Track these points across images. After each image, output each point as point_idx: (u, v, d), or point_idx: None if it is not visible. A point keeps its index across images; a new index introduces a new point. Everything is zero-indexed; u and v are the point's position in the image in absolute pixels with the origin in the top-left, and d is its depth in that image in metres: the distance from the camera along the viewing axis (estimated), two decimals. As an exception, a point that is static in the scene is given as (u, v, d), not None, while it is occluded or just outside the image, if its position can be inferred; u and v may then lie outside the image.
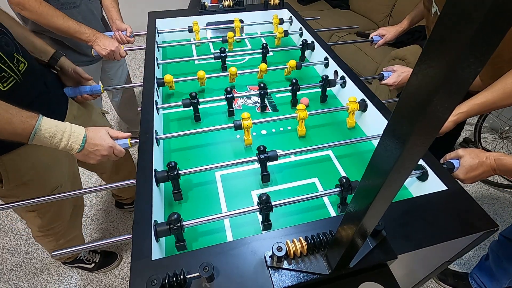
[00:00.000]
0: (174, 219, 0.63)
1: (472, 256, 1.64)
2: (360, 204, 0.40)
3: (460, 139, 2.24)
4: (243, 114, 0.91)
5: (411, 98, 0.27)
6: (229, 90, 1.03)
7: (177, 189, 0.79)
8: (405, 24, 1.35)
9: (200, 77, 1.12)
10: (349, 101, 1.01)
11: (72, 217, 1.21)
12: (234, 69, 1.13)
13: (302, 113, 0.96)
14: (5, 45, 0.79)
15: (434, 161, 0.79)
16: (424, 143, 0.29)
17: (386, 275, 0.58)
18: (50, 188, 1.00)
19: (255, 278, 0.55)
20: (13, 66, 0.80)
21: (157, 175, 0.76)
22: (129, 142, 0.87)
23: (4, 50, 0.78)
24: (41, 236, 1.16)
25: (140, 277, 0.55)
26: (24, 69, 0.84)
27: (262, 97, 1.07)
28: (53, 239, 1.19)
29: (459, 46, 0.21)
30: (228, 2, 1.55)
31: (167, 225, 0.63)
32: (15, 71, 0.81)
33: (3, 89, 0.78)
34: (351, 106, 1.00)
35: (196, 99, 1.01)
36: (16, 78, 0.81)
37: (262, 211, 0.68)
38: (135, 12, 2.94)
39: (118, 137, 0.87)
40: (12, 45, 0.82)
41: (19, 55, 0.83)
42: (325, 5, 3.32)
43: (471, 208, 0.68)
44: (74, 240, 1.30)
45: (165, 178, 0.76)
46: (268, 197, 0.68)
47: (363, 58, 2.51)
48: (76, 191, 0.79)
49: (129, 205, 1.80)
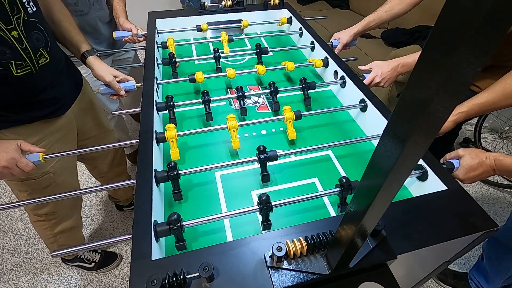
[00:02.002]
0: (174, 219, 0.63)
1: (472, 256, 1.64)
2: (360, 204, 0.40)
3: (460, 139, 2.25)
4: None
5: (411, 98, 0.27)
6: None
7: (177, 189, 0.79)
8: (361, 25, 1.31)
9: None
10: (284, 110, 0.95)
11: (70, 208, 1.23)
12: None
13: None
14: (35, 39, 0.88)
15: (434, 161, 0.79)
16: (424, 143, 0.29)
17: (386, 275, 0.58)
18: (42, 171, 1.02)
19: (255, 278, 0.55)
20: (33, 58, 0.87)
21: (157, 175, 0.76)
22: (41, 158, 0.84)
23: (32, 44, 0.86)
24: (37, 221, 1.19)
25: (140, 277, 0.55)
26: (43, 63, 0.91)
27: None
28: (48, 227, 1.21)
29: (459, 46, 0.21)
30: (228, 2, 1.55)
31: (167, 225, 0.63)
32: (34, 63, 0.87)
33: (15, 74, 0.84)
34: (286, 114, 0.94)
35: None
36: (32, 68, 0.87)
37: (262, 211, 0.68)
38: (135, 12, 2.93)
39: (31, 150, 0.85)
40: (43, 41, 0.90)
41: (45, 50, 0.91)
42: (325, 5, 3.32)
43: (471, 208, 0.68)
44: (71, 232, 1.30)
45: (165, 178, 0.76)
46: (268, 197, 0.68)
47: (363, 58, 2.51)
48: (75, 192, 0.78)
49: (128, 206, 1.81)
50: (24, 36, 0.84)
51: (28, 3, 0.86)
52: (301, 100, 1.15)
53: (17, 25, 0.82)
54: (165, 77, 1.30)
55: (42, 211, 1.15)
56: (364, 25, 1.31)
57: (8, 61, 0.81)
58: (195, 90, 1.22)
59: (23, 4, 0.84)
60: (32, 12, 0.86)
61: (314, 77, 1.31)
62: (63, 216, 1.22)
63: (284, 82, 1.27)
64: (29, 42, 0.85)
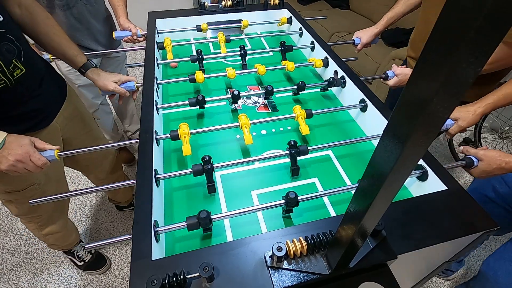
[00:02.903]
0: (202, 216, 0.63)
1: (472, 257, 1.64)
2: (360, 204, 0.40)
3: (460, 139, 2.24)
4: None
5: (411, 98, 0.27)
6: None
7: (211, 182, 0.80)
8: (382, 25, 1.33)
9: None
10: (294, 110, 0.99)
11: (54, 212, 1.23)
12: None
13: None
14: (6, 51, 0.82)
15: (434, 161, 0.79)
16: (424, 143, 0.29)
17: (386, 275, 0.58)
18: (26, 184, 1.02)
19: (255, 278, 0.55)
20: (7, 71, 0.82)
21: (193, 169, 0.77)
22: (56, 155, 0.84)
23: (3, 56, 0.81)
24: (25, 222, 1.21)
25: (140, 277, 0.55)
26: (19, 75, 0.86)
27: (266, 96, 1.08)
28: (36, 228, 1.23)
29: (459, 46, 0.21)
30: (227, 2, 1.55)
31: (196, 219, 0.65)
32: (8, 76, 0.83)
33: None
34: (297, 112, 0.97)
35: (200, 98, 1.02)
36: (7, 82, 0.83)
37: (287, 206, 0.71)
38: (135, 12, 2.93)
39: (45, 148, 0.85)
40: (14, 52, 0.84)
41: (18, 61, 0.86)
42: (325, 5, 3.32)
43: (471, 208, 0.68)
44: (60, 234, 1.32)
45: (200, 171, 0.77)
46: (296, 195, 0.69)
47: (363, 58, 2.51)
48: (76, 192, 0.78)
49: (128, 207, 1.81)
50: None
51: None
52: (289, 101, 1.15)
53: None
54: (165, 77, 1.30)
55: (28, 215, 1.16)
56: (385, 24, 1.33)
57: None
58: (195, 90, 1.22)
59: None
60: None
61: (314, 77, 1.31)
62: (48, 219, 1.22)
63: (284, 82, 1.27)
64: None
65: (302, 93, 1.15)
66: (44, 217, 1.20)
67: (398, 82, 1.12)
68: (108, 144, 0.94)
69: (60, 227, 1.30)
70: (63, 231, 1.33)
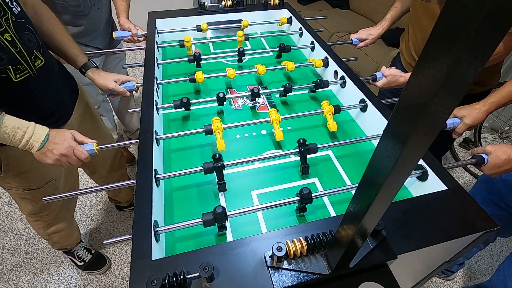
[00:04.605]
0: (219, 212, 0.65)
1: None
2: (360, 204, 0.40)
3: (460, 139, 2.24)
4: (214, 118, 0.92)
5: (411, 98, 0.27)
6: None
7: (221, 180, 0.80)
8: (386, 25, 1.32)
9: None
10: (322, 105, 1.00)
11: (62, 210, 1.24)
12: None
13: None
14: (27, 41, 0.84)
15: (434, 161, 0.79)
16: (424, 143, 0.29)
17: (386, 275, 0.58)
18: (45, 181, 1.04)
19: (255, 278, 0.55)
20: (29, 61, 0.84)
21: (204, 167, 0.77)
22: (95, 148, 0.86)
23: (26, 46, 0.82)
24: (33, 220, 1.22)
25: (140, 277, 0.55)
26: (40, 65, 0.88)
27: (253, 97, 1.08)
28: (42, 227, 1.24)
29: (459, 46, 0.21)
30: (227, 2, 1.55)
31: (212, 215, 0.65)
32: (30, 66, 0.84)
33: (14, 80, 0.81)
34: (326, 108, 0.99)
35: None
36: (30, 72, 0.85)
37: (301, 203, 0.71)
38: (135, 12, 2.93)
39: (84, 141, 0.86)
40: (34, 42, 0.86)
41: (38, 52, 0.88)
42: (325, 5, 3.32)
43: (471, 208, 0.68)
44: (65, 232, 1.33)
45: (211, 169, 0.77)
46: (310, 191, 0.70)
47: (363, 58, 2.51)
48: (76, 191, 0.78)
49: (128, 207, 1.81)
50: (17, 38, 0.80)
51: (12, 3, 0.80)
52: (307, 99, 1.15)
53: (7, 26, 0.77)
54: (165, 77, 1.30)
55: (39, 213, 1.16)
56: (389, 24, 1.33)
57: (6, 66, 0.78)
58: (195, 90, 1.22)
59: (7, 4, 0.78)
60: (17, 12, 0.81)
61: (314, 77, 1.31)
62: (55, 217, 1.23)
63: (284, 82, 1.27)
64: (22, 44, 0.81)
65: (291, 95, 1.15)
66: (52, 216, 1.21)
67: (387, 83, 1.11)
68: (109, 144, 0.94)
69: (66, 225, 1.31)
70: (68, 229, 1.34)
